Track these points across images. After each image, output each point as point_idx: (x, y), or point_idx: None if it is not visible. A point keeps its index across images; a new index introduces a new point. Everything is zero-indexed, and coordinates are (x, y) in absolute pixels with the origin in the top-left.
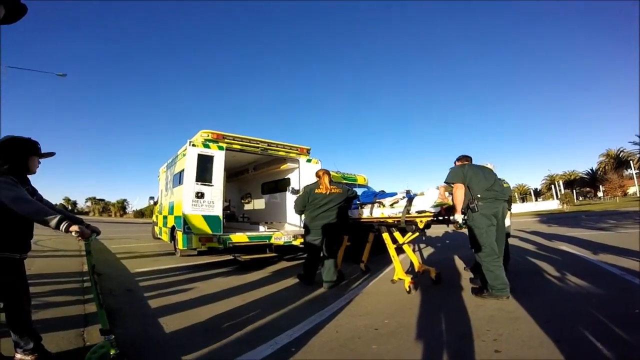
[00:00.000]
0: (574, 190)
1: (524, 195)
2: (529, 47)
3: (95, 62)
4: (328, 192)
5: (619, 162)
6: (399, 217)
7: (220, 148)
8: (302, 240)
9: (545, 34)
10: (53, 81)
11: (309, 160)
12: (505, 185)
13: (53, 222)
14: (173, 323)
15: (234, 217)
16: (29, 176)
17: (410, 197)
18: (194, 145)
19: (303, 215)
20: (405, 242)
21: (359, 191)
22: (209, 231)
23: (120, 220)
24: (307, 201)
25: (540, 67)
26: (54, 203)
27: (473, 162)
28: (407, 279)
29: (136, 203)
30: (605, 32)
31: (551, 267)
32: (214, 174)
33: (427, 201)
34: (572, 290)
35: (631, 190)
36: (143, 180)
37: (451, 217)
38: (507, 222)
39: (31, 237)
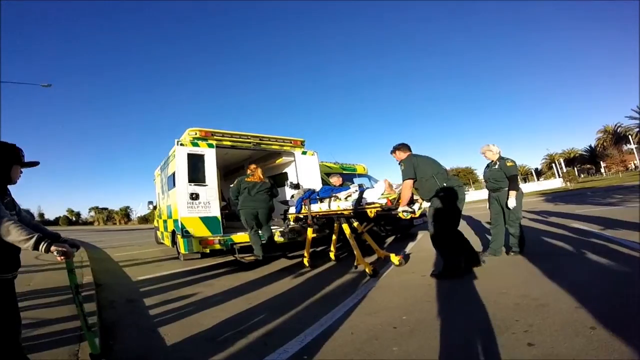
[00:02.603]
0: (575, 168)
1: (526, 176)
2: (520, 31)
3: (90, 68)
4: (258, 180)
5: (618, 137)
6: (353, 209)
7: (210, 146)
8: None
9: (537, 16)
10: (45, 92)
11: (304, 153)
12: (509, 164)
13: (30, 244)
14: (175, 333)
15: (235, 216)
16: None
17: (361, 190)
18: (182, 144)
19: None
20: (364, 230)
21: (359, 180)
22: (209, 233)
23: (125, 227)
24: (240, 188)
25: (529, 48)
26: (57, 216)
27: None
28: (366, 265)
29: (139, 209)
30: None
31: (569, 247)
32: (207, 173)
33: (375, 193)
34: (595, 270)
35: (633, 164)
36: (144, 185)
37: (399, 209)
38: (512, 202)
39: (20, 251)
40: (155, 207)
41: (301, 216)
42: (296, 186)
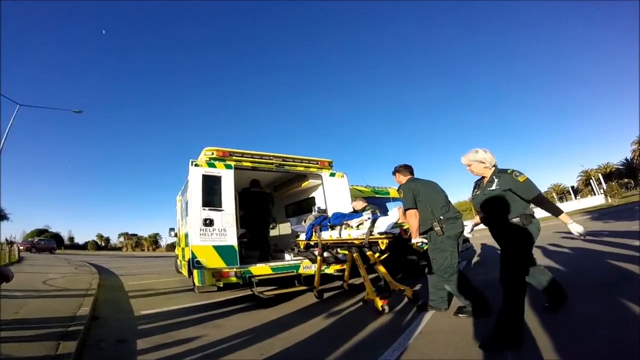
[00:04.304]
0: (613, 183)
1: (562, 195)
2: (540, 45)
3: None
4: (261, 191)
5: None
6: (364, 239)
7: (228, 167)
8: (337, 267)
9: (558, 30)
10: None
11: (332, 174)
12: (521, 178)
13: None
14: None
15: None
16: None
17: (374, 218)
18: (197, 165)
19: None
20: (377, 261)
21: (393, 205)
22: (223, 264)
23: (152, 254)
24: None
25: (550, 64)
26: (86, 240)
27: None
28: (378, 300)
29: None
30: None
31: None
32: (224, 197)
33: (388, 222)
34: None
35: None
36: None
37: (412, 240)
38: (577, 228)
39: None
40: (176, 234)
41: (312, 243)
42: (324, 212)
